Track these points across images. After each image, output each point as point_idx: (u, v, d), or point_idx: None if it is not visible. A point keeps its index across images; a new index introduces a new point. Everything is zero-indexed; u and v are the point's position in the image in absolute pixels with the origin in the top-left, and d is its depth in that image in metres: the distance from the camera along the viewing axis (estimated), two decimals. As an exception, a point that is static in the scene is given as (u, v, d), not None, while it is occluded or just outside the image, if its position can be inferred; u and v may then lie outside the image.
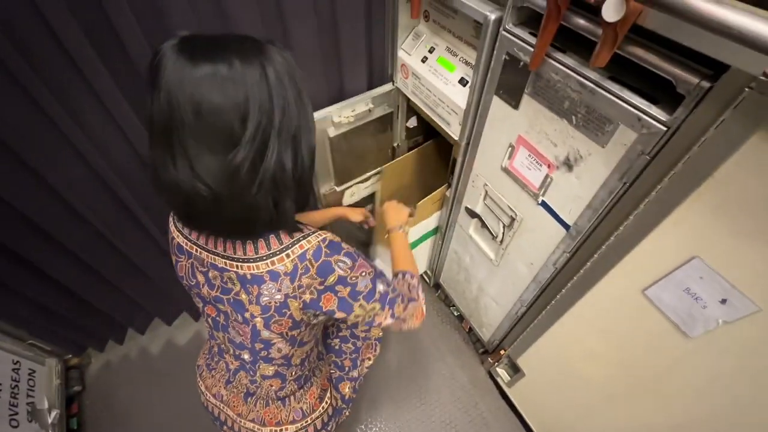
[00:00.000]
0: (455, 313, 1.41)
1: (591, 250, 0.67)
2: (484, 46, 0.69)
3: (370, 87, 1.04)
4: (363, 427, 1.22)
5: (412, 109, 1.10)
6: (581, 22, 0.52)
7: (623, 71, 0.53)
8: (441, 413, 1.23)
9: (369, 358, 0.92)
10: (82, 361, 1.31)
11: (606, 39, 0.47)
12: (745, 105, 0.40)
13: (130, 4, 0.66)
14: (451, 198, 1.05)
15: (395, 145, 1.22)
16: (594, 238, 0.66)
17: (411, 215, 0.97)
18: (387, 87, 1.03)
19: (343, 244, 0.59)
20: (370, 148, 1.14)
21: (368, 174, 1.20)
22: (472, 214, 0.98)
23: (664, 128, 0.49)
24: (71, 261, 0.96)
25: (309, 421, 0.74)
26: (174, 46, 0.44)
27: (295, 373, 0.70)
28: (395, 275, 0.74)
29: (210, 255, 0.58)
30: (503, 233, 0.90)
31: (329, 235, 0.58)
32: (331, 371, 0.85)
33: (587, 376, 0.82)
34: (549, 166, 0.68)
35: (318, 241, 0.56)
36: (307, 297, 0.56)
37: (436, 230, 1.23)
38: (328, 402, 0.78)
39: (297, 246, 0.55)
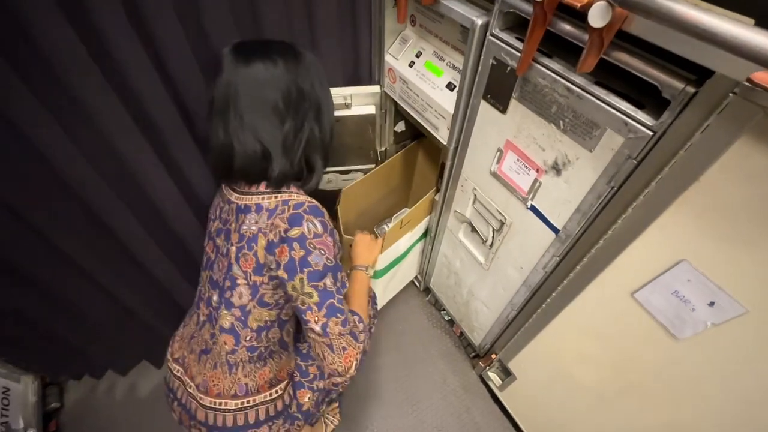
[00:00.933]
0: (446, 318, 1.41)
1: (581, 253, 0.67)
2: (471, 51, 0.69)
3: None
4: (354, 435, 1.20)
5: (400, 114, 1.10)
6: (567, 27, 0.52)
7: (609, 76, 0.53)
8: (433, 419, 1.22)
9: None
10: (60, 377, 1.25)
11: (592, 44, 0.47)
12: (729, 110, 0.40)
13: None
14: (440, 202, 1.04)
15: (383, 149, 1.21)
16: (583, 241, 0.66)
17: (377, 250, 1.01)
18: (372, 88, 1.02)
19: (326, 218, 0.67)
20: (351, 144, 1.12)
21: (349, 168, 1.18)
22: (461, 218, 0.98)
23: (651, 133, 0.49)
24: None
25: (250, 402, 0.70)
26: (230, 50, 0.63)
27: (249, 339, 0.69)
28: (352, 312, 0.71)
29: (229, 191, 0.70)
30: (493, 237, 0.90)
31: (319, 205, 0.67)
32: (294, 373, 0.80)
33: (578, 378, 0.82)
34: (537, 171, 0.68)
35: (305, 199, 0.66)
36: (271, 236, 0.62)
37: (425, 234, 1.23)
38: (278, 393, 0.74)
39: (287, 194, 0.66)
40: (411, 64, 0.91)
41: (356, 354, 0.62)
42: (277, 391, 0.74)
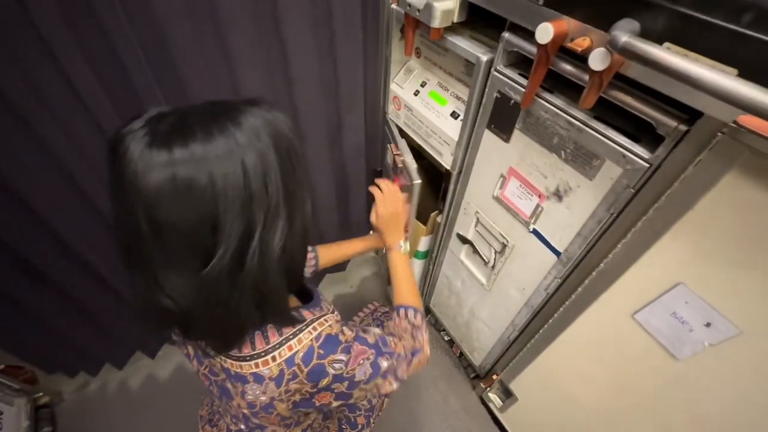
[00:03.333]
0: (446, 338, 1.42)
1: (582, 276, 0.70)
2: (476, 84, 0.74)
3: (366, 119, 1.07)
4: (355, 459, 1.18)
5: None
6: (568, 67, 0.57)
7: (608, 111, 0.58)
8: (434, 442, 1.21)
9: (379, 415, 0.89)
10: (52, 399, 1.22)
11: (592, 84, 0.52)
12: (719, 147, 0.44)
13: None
14: (442, 224, 1.07)
15: (379, 169, 1.26)
16: (584, 264, 0.69)
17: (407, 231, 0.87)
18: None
19: (341, 336, 0.52)
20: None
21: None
22: (464, 240, 1.01)
23: (647, 165, 0.53)
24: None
25: None
26: (134, 133, 0.36)
27: (296, 419, 0.62)
28: (396, 310, 0.69)
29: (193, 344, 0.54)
30: (495, 259, 0.93)
31: (326, 327, 0.51)
32: (343, 427, 0.79)
33: (580, 399, 0.83)
34: (540, 196, 0.72)
35: (310, 340, 0.49)
36: (297, 398, 0.51)
37: (426, 254, 1.25)
38: None
39: (285, 347, 0.49)
40: (416, 93, 0.96)
41: (427, 355, 0.68)
42: None
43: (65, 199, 0.81)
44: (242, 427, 0.60)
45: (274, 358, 0.48)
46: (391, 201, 0.80)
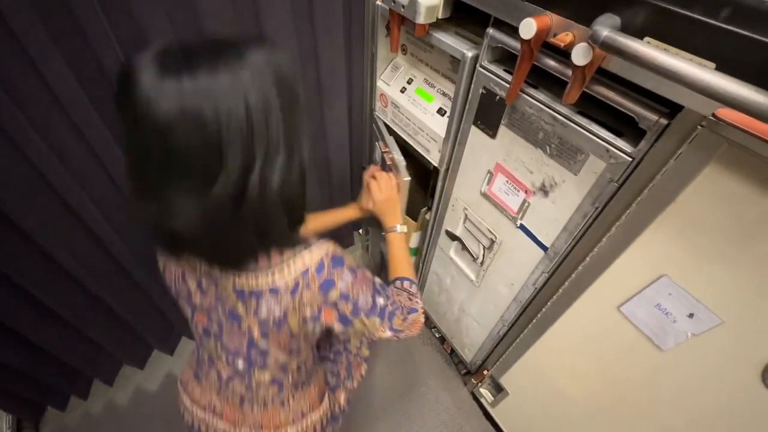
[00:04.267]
0: (436, 335, 1.42)
1: (568, 270, 0.70)
2: (462, 80, 0.74)
3: (350, 116, 1.07)
4: (348, 459, 1.18)
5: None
6: (552, 63, 0.57)
7: (592, 106, 0.58)
8: (427, 439, 1.21)
9: (360, 376, 0.92)
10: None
11: (575, 79, 0.52)
12: (698, 140, 0.45)
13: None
14: (431, 221, 1.07)
15: (365, 166, 1.25)
16: (571, 258, 0.70)
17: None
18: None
19: (346, 258, 0.57)
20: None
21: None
22: (453, 236, 1.01)
23: (630, 159, 0.54)
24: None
25: (309, 423, 0.72)
26: (145, 62, 0.38)
27: (292, 380, 0.68)
28: (393, 282, 0.73)
29: (204, 267, 0.56)
30: (483, 255, 0.93)
31: (332, 248, 0.56)
32: (328, 379, 0.83)
33: (569, 392, 0.84)
34: (526, 192, 0.73)
35: (321, 256, 0.54)
36: (307, 312, 0.55)
37: (416, 251, 1.25)
38: (327, 404, 0.77)
39: (299, 260, 0.53)
40: (402, 90, 0.96)
41: (421, 321, 0.68)
42: (326, 403, 0.76)
43: (45, 207, 0.79)
44: (240, 364, 0.62)
45: (288, 266, 0.52)
46: (386, 187, 0.85)
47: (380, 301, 0.61)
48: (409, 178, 0.89)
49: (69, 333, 1.00)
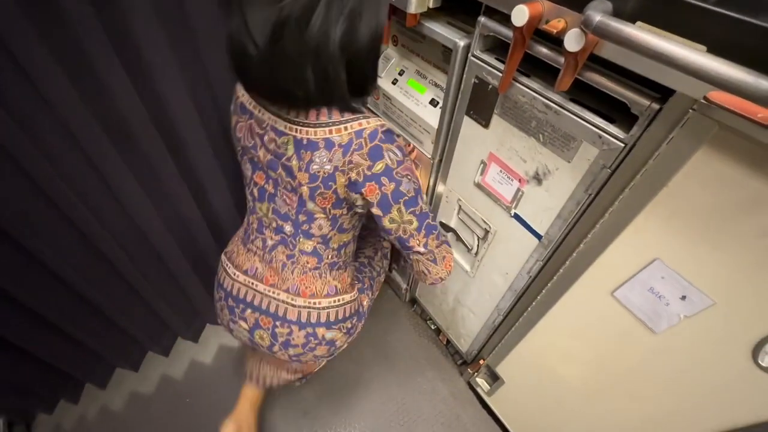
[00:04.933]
0: (432, 327, 1.43)
1: (563, 257, 0.71)
2: (454, 70, 0.73)
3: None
4: (347, 452, 1.18)
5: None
6: (544, 50, 0.57)
7: (584, 93, 0.58)
8: (424, 429, 1.22)
9: (375, 294, 0.97)
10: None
11: (568, 66, 0.52)
12: (690, 124, 0.46)
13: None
14: (425, 213, 1.07)
15: None
16: (565, 246, 0.71)
17: None
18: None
19: (396, 137, 0.61)
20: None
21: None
22: (447, 228, 1.01)
23: (622, 145, 0.54)
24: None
25: (341, 301, 0.78)
26: None
27: (331, 257, 0.73)
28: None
29: (272, 116, 0.61)
30: (478, 245, 0.93)
31: (388, 124, 0.61)
32: (355, 280, 0.88)
33: (565, 377, 0.86)
34: (520, 181, 0.73)
35: (377, 125, 0.59)
36: (353, 175, 0.59)
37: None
38: (357, 294, 0.83)
39: (356, 122, 0.58)
40: (394, 82, 0.95)
41: (452, 257, 0.71)
42: (356, 293, 0.83)
43: (31, 206, 0.76)
44: (287, 228, 0.69)
45: (346, 128, 0.57)
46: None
47: (422, 204, 0.64)
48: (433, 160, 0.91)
49: (58, 335, 0.98)
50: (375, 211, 0.62)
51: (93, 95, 0.70)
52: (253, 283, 0.76)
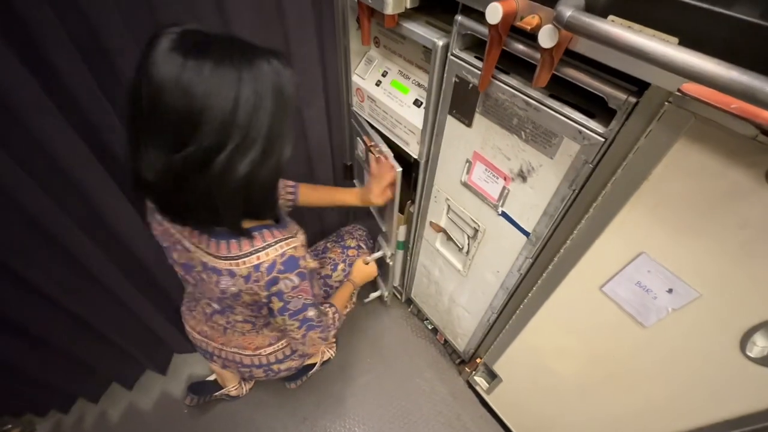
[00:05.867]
0: (429, 327, 1.42)
1: (551, 254, 0.71)
2: (434, 70, 0.73)
3: (328, 114, 1.05)
4: (347, 456, 1.18)
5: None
6: (521, 47, 0.57)
7: (563, 89, 0.58)
8: (425, 430, 1.22)
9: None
10: (23, 430, 1.16)
11: (544, 62, 0.52)
12: (667, 116, 0.45)
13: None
14: (415, 214, 1.07)
15: (350, 163, 1.24)
16: (552, 242, 0.70)
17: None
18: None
19: (301, 261, 0.65)
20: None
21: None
22: (437, 228, 1.01)
23: (602, 139, 0.54)
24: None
25: (282, 345, 0.89)
26: (169, 35, 0.46)
27: (263, 321, 0.82)
28: (331, 305, 0.89)
29: (178, 233, 0.65)
30: (468, 244, 0.93)
31: (290, 249, 0.63)
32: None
33: (560, 373, 0.85)
34: (505, 179, 0.72)
35: (275, 256, 0.62)
36: (256, 297, 0.67)
37: (402, 245, 1.25)
38: None
39: (254, 256, 0.61)
40: (378, 83, 0.95)
41: (320, 346, 0.82)
42: None
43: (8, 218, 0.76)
44: (215, 306, 0.77)
45: (244, 263, 0.61)
46: (366, 271, 1.03)
47: (311, 313, 0.72)
48: (401, 169, 0.90)
49: (51, 355, 0.98)
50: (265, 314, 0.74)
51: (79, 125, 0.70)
52: (207, 342, 0.88)
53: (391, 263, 1.22)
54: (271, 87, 0.48)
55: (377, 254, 1.16)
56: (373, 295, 1.42)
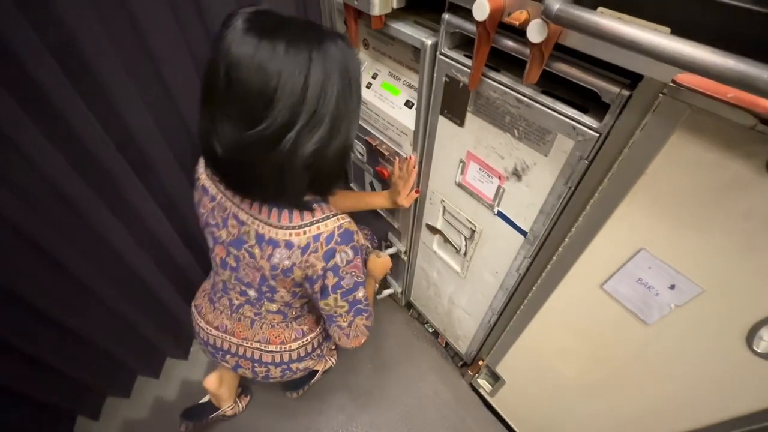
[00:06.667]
0: (429, 330, 1.41)
1: (549, 252, 0.69)
2: (424, 70, 0.72)
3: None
4: (351, 465, 1.16)
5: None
6: (510, 43, 0.55)
7: (555, 85, 0.57)
8: (429, 435, 1.20)
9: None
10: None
11: (534, 58, 0.51)
12: (661, 109, 0.44)
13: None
14: (411, 217, 1.06)
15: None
16: (550, 241, 0.69)
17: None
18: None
19: (355, 235, 0.65)
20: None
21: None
22: (434, 230, 0.99)
23: (597, 134, 0.52)
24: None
25: (308, 340, 0.87)
26: (244, 15, 0.49)
27: (295, 313, 0.81)
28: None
29: (234, 206, 0.65)
30: (466, 246, 0.92)
31: (346, 222, 0.64)
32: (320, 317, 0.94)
33: (563, 373, 0.84)
34: (500, 178, 0.71)
35: (334, 227, 0.63)
36: (309, 272, 0.64)
37: (400, 249, 1.24)
38: (323, 326, 0.90)
39: (314, 226, 0.62)
40: (368, 86, 0.93)
41: (365, 338, 0.79)
42: (322, 327, 0.90)
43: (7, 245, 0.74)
44: (251, 293, 0.74)
45: (305, 232, 0.61)
46: (383, 265, 0.99)
47: (360, 293, 0.71)
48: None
49: (44, 370, 0.96)
50: (315, 293, 0.69)
51: (54, 128, 0.69)
52: (226, 337, 0.84)
53: (405, 259, 1.20)
54: (338, 67, 0.50)
55: (391, 249, 1.15)
56: (386, 291, 1.41)
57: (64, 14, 0.62)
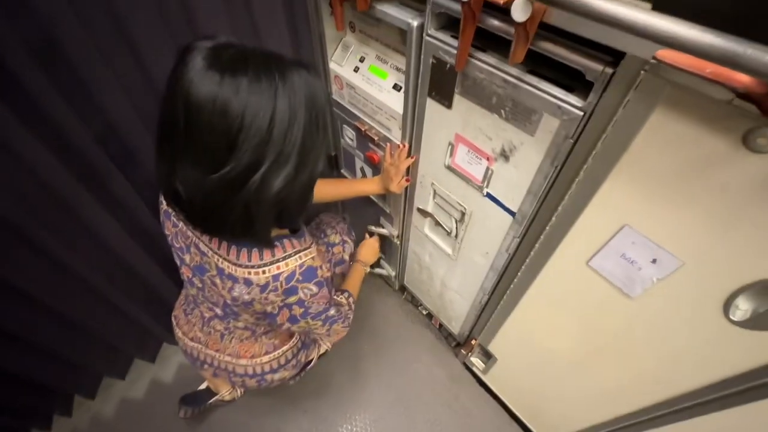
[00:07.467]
0: (423, 312, 1.43)
1: (537, 232, 0.71)
2: (411, 52, 0.71)
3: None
4: (349, 444, 1.19)
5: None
6: (495, 23, 0.55)
7: (541, 65, 0.57)
8: (425, 414, 1.24)
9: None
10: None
11: (519, 37, 0.51)
12: (643, 86, 0.45)
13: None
14: (403, 201, 1.06)
15: (334, 153, 1.22)
16: (538, 221, 0.70)
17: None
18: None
19: (319, 270, 0.64)
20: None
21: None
22: (425, 213, 1.00)
23: (581, 113, 0.53)
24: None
25: (281, 353, 0.87)
26: (203, 52, 0.44)
27: (264, 329, 0.81)
28: (343, 291, 0.88)
29: (195, 236, 0.64)
30: (456, 228, 0.93)
31: (309, 259, 0.62)
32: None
33: (552, 348, 0.86)
34: (488, 159, 0.72)
35: (295, 266, 0.61)
36: (269, 308, 0.64)
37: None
38: (296, 340, 0.90)
39: (275, 266, 0.60)
40: (356, 70, 0.92)
41: (344, 333, 0.82)
42: (296, 338, 0.90)
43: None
44: (218, 311, 0.75)
45: (264, 272, 0.60)
46: (374, 246, 1.04)
47: (331, 311, 0.72)
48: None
49: (39, 353, 0.96)
50: (284, 324, 0.68)
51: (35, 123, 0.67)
52: (201, 348, 0.85)
53: (398, 243, 1.21)
54: (304, 100, 0.47)
55: (382, 230, 1.16)
56: (379, 270, 1.43)
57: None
